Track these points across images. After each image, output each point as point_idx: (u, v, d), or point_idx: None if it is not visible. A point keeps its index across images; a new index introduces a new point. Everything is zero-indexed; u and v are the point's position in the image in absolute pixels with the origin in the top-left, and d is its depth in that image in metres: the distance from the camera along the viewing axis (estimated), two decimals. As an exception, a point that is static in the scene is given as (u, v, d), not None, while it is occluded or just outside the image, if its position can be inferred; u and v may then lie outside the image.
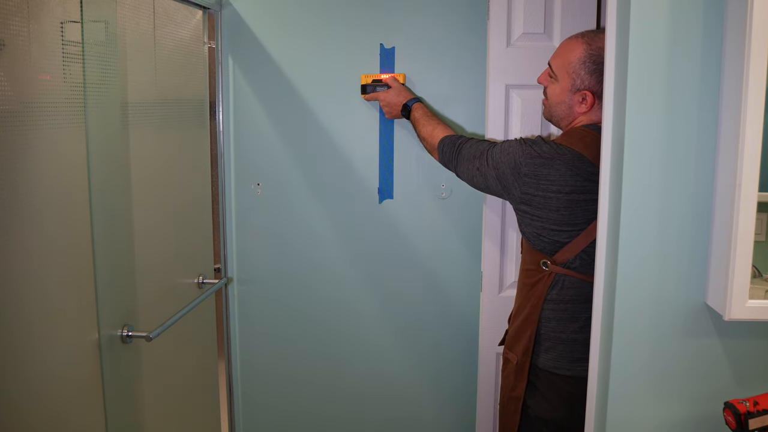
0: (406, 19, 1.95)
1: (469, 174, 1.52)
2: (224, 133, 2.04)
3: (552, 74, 1.47)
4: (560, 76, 1.45)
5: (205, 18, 1.93)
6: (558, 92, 1.46)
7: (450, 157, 1.59)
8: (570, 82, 1.43)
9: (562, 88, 1.45)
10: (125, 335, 1.48)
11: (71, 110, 1.28)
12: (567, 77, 1.43)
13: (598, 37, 1.42)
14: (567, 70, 1.43)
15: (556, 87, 1.46)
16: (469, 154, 1.53)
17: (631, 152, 1.01)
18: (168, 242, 1.73)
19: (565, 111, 1.47)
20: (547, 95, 1.50)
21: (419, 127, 1.74)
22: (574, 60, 1.41)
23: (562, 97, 1.45)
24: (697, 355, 1.04)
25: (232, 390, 2.17)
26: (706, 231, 1.01)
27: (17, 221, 1.12)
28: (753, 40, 0.89)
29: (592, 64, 1.40)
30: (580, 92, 1.42)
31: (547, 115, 1.54)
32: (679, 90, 0.99)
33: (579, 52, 1.41)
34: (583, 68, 1.41)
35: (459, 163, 1.56)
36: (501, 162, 1.44)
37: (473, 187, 1.55)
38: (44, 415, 1.21)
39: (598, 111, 1.44)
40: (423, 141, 1.73)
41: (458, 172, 1.58)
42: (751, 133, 0.91)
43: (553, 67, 1.47)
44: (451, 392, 2.11)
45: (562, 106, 1.46)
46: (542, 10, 1.75)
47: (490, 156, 1.47)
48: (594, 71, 1.40)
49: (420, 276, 2.06)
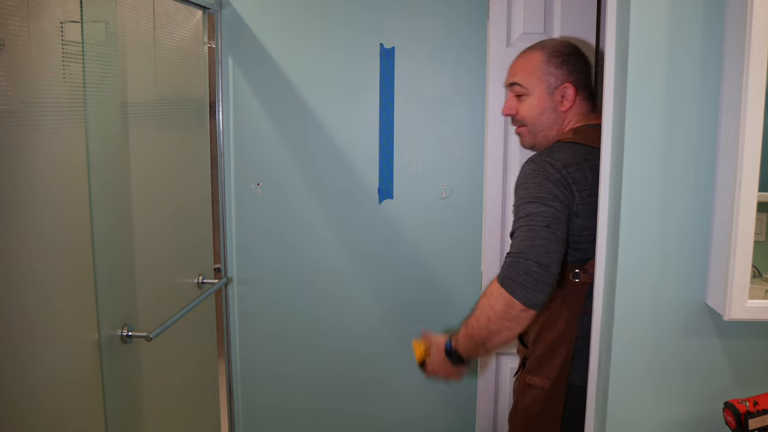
0: (406, 19, 1.95)
1: (552, 245, 1.19)
2: (224, 133, 2.04)
3: (521, 90, 1.39)
4: (531, 85, 1.38)
5: (205, 18, 1.93)
6: (536, 102, 1.39)
7: (523, 271, 1.18)
8: (544, 84, 1.38)
9: (539, 96, 1.38)
10: (125, 335, 1.48)
11: (71, 110, 1.28)
12: (539, 82, 1.38)
13: (543, 41, 1.41)
14: (536, 76, 1.38)
15: (532, 99, 1.39)
16: (528, 236, 1.20)
17: (631, 152, 1.01)
18: (168, 242, 1.73)
19: (551, 117, 1.39)
20: (524, 116, 1.40)
21: (472, 333, 1.27)
22: (538, 64, 1.38)
23: (543, 104, 1.38)
24: (697, 355, 1.04)
25: (232, 390, 2.17)
26: (706, 231, 1.01)
27: (17, 221, 1.12)
28: (753, 40, 0.89)
29: (556, 59, 1.37)
30: (559, 89, 1.38)
31: (530, 141, 1.43)
32: (679, 90, 0.99)
33: (537, 56, 1.38)
34: (551, 65, 1.37)
35: (537, 255, 1.18)
36: (538, 199, 1.23)
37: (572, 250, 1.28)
38: (44, 415, 1.21)
39: (582, 104, 1.40)
40: (492, 331, 1.23)
41: (552, 262, 1.19)
42: (751, 132, 0.91)
43: (520, 83, 1.39)
44: (451, 392, 2.11)
45: (546, 113, 1.39)
46: (542, 10, 1.75)
47: (530, 211, 1.22)
48: (561, 65, 1.37)
49: (420, 276, 2.06)
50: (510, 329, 1.20)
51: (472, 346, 1.28)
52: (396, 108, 1.99)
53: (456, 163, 2.00)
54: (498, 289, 1.20)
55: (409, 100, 1.99)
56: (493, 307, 1.20)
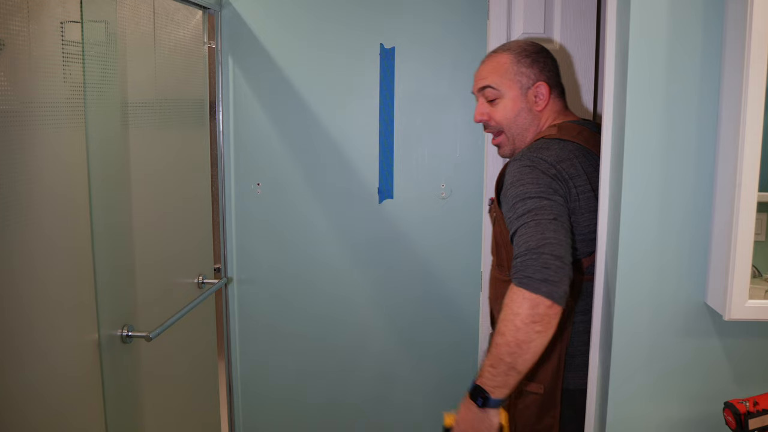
0: (406, 19, 1.95)
1: (563, 237, 1.10)
2: (224, 133, 2.04)
3: (495, 94, 1.34)
4: (504, 87, 1.34)
5: (205, 18, 1.93)
6: (511, 105, 1.34)
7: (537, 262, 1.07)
8: (517, 85, 1.34)
9: (513, 97, 1.34)
10: (125, 335, 1.48)
11: (71, 110, 1.28)
12: (512, 83, 1.33)
13: (508, 43, 1.38)
14: (508, 77, 1.33)
15: (506, 102, 1.34)
16: (530, 231, 1.11)
17: (631, 152, 1.01)
18: (168, 242, 1.73)
19: (527, 118, 1.35)
20: (499, 119, 1.35)
21: (499, 354, 1.08)
22: (509, 65, 1.33)
23: (519, 105, 1.34)
24: (696, 354, 1.04)
25: (232, 390, 2.17)
26: (706, 231, 1.01)
27: (17, 221, 1.12)
28: (753, 40, 0.89)
29: (525, 58, 1.33)
30: (532, 88, 1.34)
31: (510, 148, 1.38)
32: (679, 89, 0.99)
33: (506, 57, 1.34)
34: (522, 65, 1.33)
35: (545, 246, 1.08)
36: (533, 191, 1.17)
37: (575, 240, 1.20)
38: (44, 415, 1.21)
39: (556, 101, 1.36)
40: (522, 342, 1.06)
41: (568, 249, 1.10)
42: (751, 132, 0.91)
43: (493, 85, 1.34)
44: (450, 391, 2.11)
45: (522, 114, 1.35)
46: (542, 10, 1.75)
47: (532, 206, 1.14)
48: (532, 64, 1.33)
49: (420, 276, 2.06)
50: (541, 334, 1.05)
51: (501, 372, 1.07)
52: (396, 108, 1.99)
53: (456, 163, 2.00)
54: (518, 293, 1.06)
55: (409, 100, 1.99)
56: (517, 313, 1.05)
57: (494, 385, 1.09)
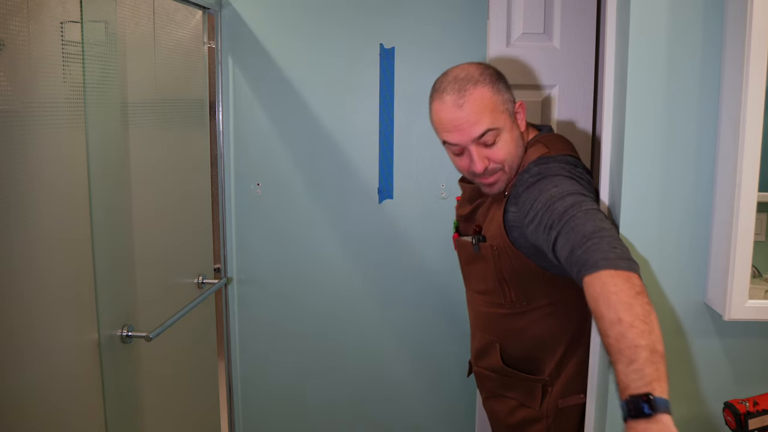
0: (405, 19, 1.95)
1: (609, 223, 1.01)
2: (224, 133, 2.04)
3: (495, 133, 1.19)
4: (500, 122, 1.20)
5: (205, 18, 1.93)
6: (509, 137, 1.22)
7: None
8: (507, 114, 1.22)
9: (509, 128, 1.22)
10: (125, 335, 1.48)
11: (71, 110, 1.28)
12: (503, 115, 1.21)
13: (474, 73, 1.21)
14: (499, 110, 1.20)
15: (505, 135, 1.21)
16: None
17: (631, 152, 1.01)
18: (168, 242, 1.73)
19: (520, 143, 1.25)
20: (503, 158, 1.21)
21: (630, 343, 0.85)
22: (493, 97, 1.19)
23: (515, 133, 1.23)
24: (696, 355, 1.04)
25: (232, 390, 2.17)
26: (706, 231, 1.01)
27: (17, 221, 1.12)
28: (753, 40, 0.89)
29: (501, 84, 1.22)
30: (517, 110, 1.25)
31: (506, 181, 1.25)
32: (679, 90, 0.99)
33: (485, 91, 1.19)
34: (500, 93, 1.21)
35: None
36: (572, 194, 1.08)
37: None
38: (44, 415, 1.21)
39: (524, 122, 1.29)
40: (647, 314, 0.86)
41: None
42: (750, 132, 0.91)
43: (491, 127, 1.18)
44: (450, 391, 2.11)
45: (519, 141, 1.24)
46: (542, 9, 1.75)
47: (571, 203, 1.06)
48: (506, 89, 1.23)
49: (420, 276, 2.06)
50: (651, 306, 0.88)
51: (645, 361, 0.83)
52: (396, 108, 1.99)
53: (456, 163, 2.00)
54: (604, 275, 0.90)
55: (409, 101, 1.99)
56: (619, 290, 0.88)
57: (649, 381, 0.82)
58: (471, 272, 1.38)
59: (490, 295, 1.32)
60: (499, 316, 1.33)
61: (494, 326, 1.36)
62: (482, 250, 1.27)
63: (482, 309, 1.37)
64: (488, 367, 1.40)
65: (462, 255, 1.38)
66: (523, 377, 1.34)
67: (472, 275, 1.37)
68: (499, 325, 1.34)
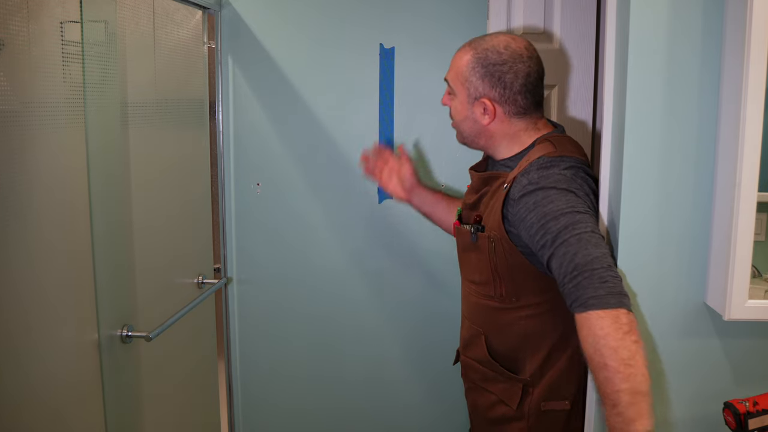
0: (406, 19, 1.95)
1: (604, 249, 1.04)
2: (224, 133, 2.04)
3: (450, 90, 1.30)
4: (456, 89, 1.27)
5: (205, 18, 1.93)
6: (459, 108, 1.28)
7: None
8: (465, 93, 1.26)
9: (461, 102, 1.27)
10: (125, 335, 1.48)
11: (71, 110, 1.28)
12: (462, 88, 1.26)
13: (483, 40, 1.26)
14: (460, 81, 1.26)
15: (456, 103, 1.29)
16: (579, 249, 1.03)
17: (631, 152, 1.01)
18: (168, 242, 1.73)
19: (472, 127, 1.28)
20: (452, 114, 1.32)
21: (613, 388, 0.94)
22: (464, 67, 1.25)
23: (464, 113, 1.28)
24: (696, 355, 1.04)
25: (232, 390, 2.17)
26: (706, 231, 1.01)
27: (17, 221, 1.12)
28: (753, 40, 0.89)
29: (481, 68, 1.23)
30: (478, 101, 1.25)
31: (460, 138, 1.34)
32: (679, 90, 0.99)
33: (467, 58, 1.25)
34: (473, 74, 1.24)
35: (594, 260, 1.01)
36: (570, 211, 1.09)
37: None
38: (44, 415, 1.21)
39: (515, 121, 1.25)
40: (628, 359, 0.93)
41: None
42: (750, 132, 0.91)
43: (449, 82, 1.29)
44: (451, 392, 2.11)
45: (467, 122, 1.29)
46: (542, 7, 1.75)
47: (566, 223, 1.07)
48: (484, 75, 1.23)
49: (420, 276, 2.06)
50: (638, 344, 0.94)
51: (626, 403, 0.92)
52: (396, 108, 1.99)
53: (456, 163, 2.00)
54: (593, 317, 0.96)
55: (409, 100, 1.99)
56: (606, 335, 0.94)
57: (630, 421, 0.92)
58: (467, 261, 1.37)
59: (482, 286, 1.32)
60: (488, 308, 1.32)
61: (483, 318, 1.35)
62: (479, 240, 1.28)
63: (473, 299, 1.37)
64: (474, 358, 1.39)
65: (460, 242, 1.38)
66: (506, 374, 1.32)
67: (468, 264, 1.37)
68: (488, 317, 1.33)
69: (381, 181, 1.61)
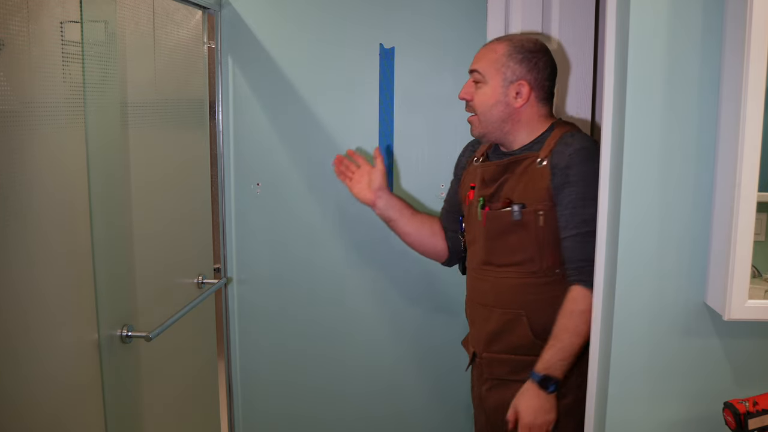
0: (406, 19, 1.95)
1: None
2: (224, 133, 2.04)
3: (479, 78, 1.40)
4: (489, 74, 1.38)
5: (205, 18, 1.93)
6: (490, 93, 1.38)
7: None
8: (501, 76, 1.37)
9: (494, 87, 1.38)
10: (125, 335, 1.48)
11: (71, 110, 1.28)
12: (496, 73, 1.38)
13: (516, 35, 1.42)
14: (495, 67, 1.38)
15: (486, 89, 1.39)
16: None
17: (631, 152, 1.01)
18: (168, 242, 1.73)
19: (503, 111, 1.39)
20: (476, 105, 1.40)
21: (573, 350, 1.33)
22: (500, 54, 1.38)
23: (497, 96, 1.38)
24: (696, 355, 1.04)
25: (232, 390, 2.17)
26: (706, 231, 1.01)
27: (16, 221, 1.12)
28: (753, 39, 0.89)
29: (519, 54, 1.37)
30: (514, 84, 1.37)
31: (479, 130, 1.43)
32: (679, 90, 0.99)
33: (502, 47, 1.39)
34: (512, 59, 1.37)
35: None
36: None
37: None
38: (44, 415, 1.21)
39: (539, 106, 1.40)
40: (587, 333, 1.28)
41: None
42: (750, 132, 0.91)
43: (479, 70, 1.39)
44: (451, 394, 2.11)
45: (498, 106, 1.38)
46: (540, 8, 1.75)
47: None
48: (522, 60, 1.37)
49: (420, 276, 2.06)
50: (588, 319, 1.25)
51: (569, 363, 1.32)
52: (396, 108, 1.99)
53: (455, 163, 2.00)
54: (588, 294, 1.24)
55: (409, 100, 1.99)
56: (586, 310, 1.25)
57: (562, 372, 1.32)
58: (502, 245, 1.40)
59: (523, 265, 1.38)
60: (530, 286, 1.38)
61: (523, 298, 1.39)
62: (524, 217, 1.36)
63: (511, 281, 1.40)
64: (505, 350, 1.42)
65: (492, 229, 1.41)
66: None
67: (504, 247, 1.40)
68: (530, 295, 1.38)
69: (350, 183, 1.64)
